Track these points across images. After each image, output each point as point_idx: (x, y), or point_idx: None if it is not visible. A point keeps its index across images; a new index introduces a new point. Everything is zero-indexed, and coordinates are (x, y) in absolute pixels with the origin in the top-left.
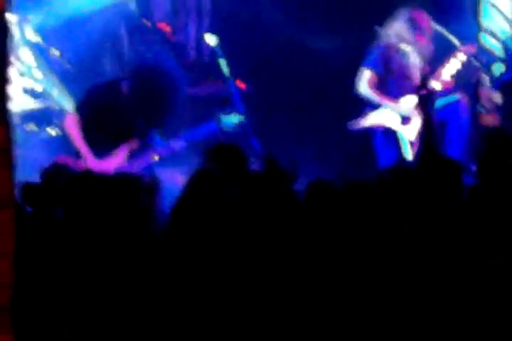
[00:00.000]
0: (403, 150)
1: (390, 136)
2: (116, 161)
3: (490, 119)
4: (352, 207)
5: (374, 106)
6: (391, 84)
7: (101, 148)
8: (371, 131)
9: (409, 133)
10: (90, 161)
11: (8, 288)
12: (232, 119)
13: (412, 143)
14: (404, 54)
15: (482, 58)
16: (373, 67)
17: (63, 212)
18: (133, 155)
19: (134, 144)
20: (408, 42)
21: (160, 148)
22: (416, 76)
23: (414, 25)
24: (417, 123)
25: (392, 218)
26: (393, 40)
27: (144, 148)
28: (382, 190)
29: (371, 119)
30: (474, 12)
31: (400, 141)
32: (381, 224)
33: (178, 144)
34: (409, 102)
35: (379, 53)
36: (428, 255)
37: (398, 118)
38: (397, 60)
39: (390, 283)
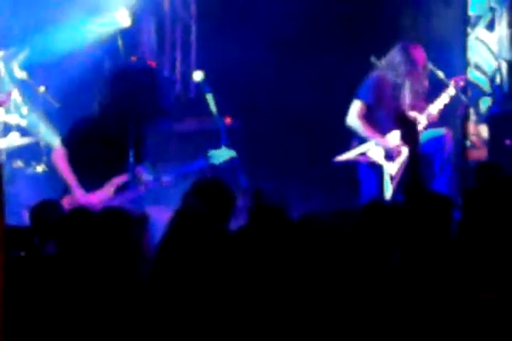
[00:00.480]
0: (384, 184)
1: (373, 169)
2: (104, 195)
3: (477, 153)
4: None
5: (361, 139)
6: (380, 116)
7: (89, 181)
8: (356, 164)
9: (391, 168)
10: (79, 195)
11: None
12: (222, 155)
13: (392, 178)
14: (396, 87)
15: (469, 92)
16: (364, 98)
17: (56, 249)
18: (121, 189)
19: (122, 178)
20: (401, 76)
21: (148, 182)
22: (405, 109)
23: (409, 59)
24: (400, 158)
25: (377, 255)
26: (387, 72)
27: (133, 181)
28: (367, 225)
29: (356, 152)
30: (462, 46)
31: (383, 175)
32: (367, 261)
33: (166, 179)
34: (395, 136)
35: (371, 84)
36: (416, 292)
37: (382, 152)
38: (388, 92)
39: (380, 320)
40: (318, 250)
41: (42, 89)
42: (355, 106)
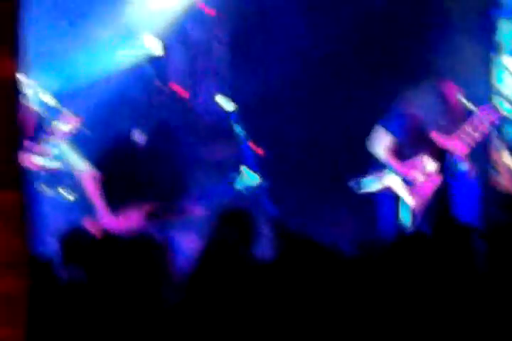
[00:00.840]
0: (401, 215)
1: (392, 197)
2: (132, 220)
3: (502, 182)
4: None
5: (380, 167)
6: (404, 149)
7: (118, 206)
8: (376, 194)
9: (410, 199)
10: (106, 219)
11: None
12: (249, 182)
13: (412, 209)
14: (425, 125)
15: (495, 121)
16: (393, 132)
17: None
18: (149, 216)
19: (151, 205)
20: (431, 114)
21: (177, 211)
22: (431, 143)
23: (441, 98)
24: (420, 189)
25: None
26: (418, 110)
27: (161, 209)
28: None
29: (378, 182)
30: (488, 75)
31: (401, 206)
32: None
33: (194, 208)
34: (417, 169)
35: (402, 122)
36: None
37: (401, 184)
38: (418, 129)
39: None
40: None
41: (69, 114)
42: (382, 138)
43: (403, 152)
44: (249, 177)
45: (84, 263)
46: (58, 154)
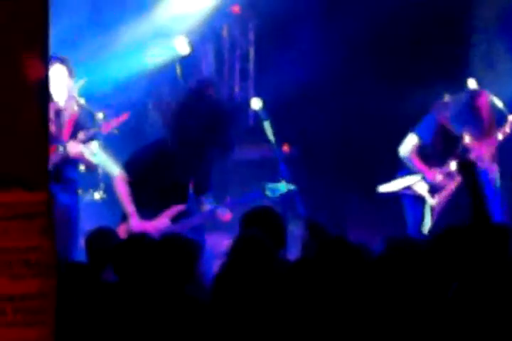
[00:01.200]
0: (425, 216)
1: (418, 201)
2: (161, 223)
3: None
4: (395, 272)
5: (408, 170)
6: (431, 152)
7: (148, 209)
8: (401, 196)
9: (433, 201)
10: (136, 222)
11: None
12: (280, 188)
13: (433, 209)
14: (454, 130)
15: None
16: (421, 135)
17: (114, 276)
18: (178, 218)
19: (180, 207)
20: (463, 123)
21: (206, 214)
22: (458, 148)
23: (474, 107)
24: (445, 192)
25: (436, 284)
26: (449, 114)
27: (191, 211)
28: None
29: (402, 184)
30: None
31: (426, 208)
32: (425, 291)
33: (224, 212)
34: (443, 173)
35: (432, 124)
36: (474, 323)
37: (427, 187)
38: (446, 133)
39: None
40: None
41: (100, 115)
42: (411, 141)
43: (431, 158)
44: (280, 183)
45: (114, 264)
46: (96, 154)
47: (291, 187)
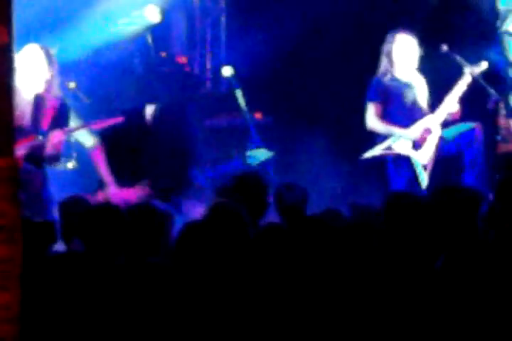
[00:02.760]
0: (418, 175)
1: (402, 161)
2: (139, 192)
3: (506, 147)
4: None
5: (383, 138)
6: (396, 113)
7: (125, 178)
8: (383, 160)
9: (422, 157)
10: (114, 191)
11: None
12: (261, 155)
13: (425, 167)
14: (402, 82)
15: (500, 88)
16: (372, 98)
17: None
18: (155, 190)
19: (157, 179)
20: (398, 65)
21: (184, 185)
22: (420, 102)
23: (402, 47)
24: (428, 147)
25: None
26: (387, 65)
27: (168, 183)
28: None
29: (382, 147)
30: (495, 43)
31: (415, 166)
32: (410, 262)
33: (203, 180)
34: (417, 128)
35: (374, 83)
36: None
37: (409, 144)
38: (396, 87)
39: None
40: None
41: (72, 85)
42: (369, 109)
43: (391, 116)
44: (261, 150)
45: (83, 231)
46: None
47: (271, 154)
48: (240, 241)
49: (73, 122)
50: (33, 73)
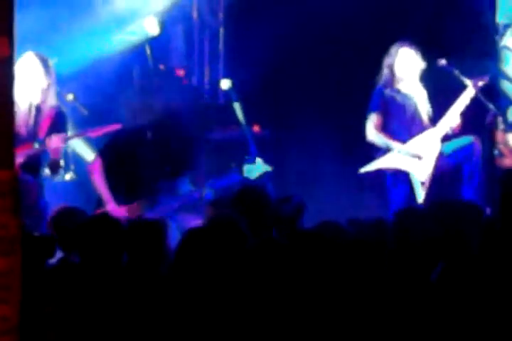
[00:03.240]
0: (415, 190)
1: (400, 177)
2: (138, 209)
3: (506, 162)
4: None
5: (384, 151)
6: (396, 126)
7: (123, 195)
8: (382, 174)
9: (420, 174)
10: (112, 208)
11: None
12: (258, 169)
13: (423, 184)
14: (404, 93)
15: (498, 101)
16: (374, 109)
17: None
18: (155, 203)
19: (156, 192)
20: (401, 78)
21: (184, 197)
22: (421, 115)
23: (405, 61)
24: (427, 163)
25: (418, 267)
26: (389, 77)
27: (167, 196)
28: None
29: (381, 162)
30: (495, 57)
31: (412, 182)
32: (406, 274)
33: (202, 194)
34: (418, 143)
35: (376, 94)
36: (458, 307)
37: (408, 160)
38: (397, 99)
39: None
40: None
41: (70, 97)
42: (370, 120)
43: (393, 129)
44: (258, 164)
45: (79, 243)
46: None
47: (269, 168)
48: (237, 252)
49: (71, 133)
50: (29, 82)
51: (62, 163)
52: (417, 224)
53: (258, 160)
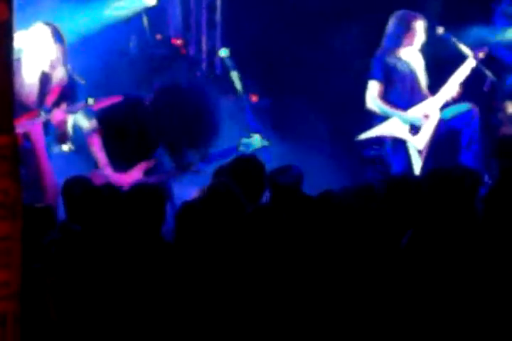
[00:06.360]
0: (412, 159)
1: (399, 145)
2: (133, 176)
3: (504, 129)
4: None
5: (382, 119)
6: (397, 94)
7: (120, 163)
8: (380, 141)
9: (418, 143)
10: (109, 175)
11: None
12: (254, 143)
13: (420, 152)
14: (404, 61)
15: (496, 69)
16: (375, 77)
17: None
18: (151, 171)
19: (151, 162)
20: (403, 46)
21: (175, 169)
22: (420, 83)
23: (407, 28)
24: (425, 132)
25: (391, 231)
26: (390, 45)
27: (161, 166)
28: (386, 200)
29: (380, 129)
30: (490, 24)
31: (410, 150)
32: (379, 238)
33: (199, 166)
34: (417, 111)
35: (377, 61)
36: (428, 272)
37: (407, 128)
38: (398, 67)
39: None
40: (334, 228)
41: (68, 67)
42: (371, 87)
43: (393, 97)
44: (255, 138)
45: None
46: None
47: (266, 143)
48: (236, 221)
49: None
50: (39, 51)
51: (69, 134)
52: (402, 194)
53: (255, 135)
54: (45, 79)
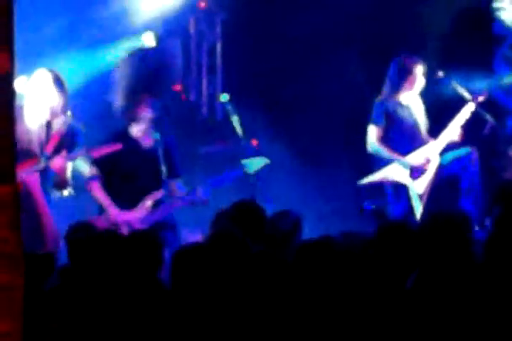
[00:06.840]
0: (413, 203)
1: (400, 190)
2: (140, 212)
3: (506, 174)
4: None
5: (384, 163)
6: (397, 138)
7: (124, 200)
8: (382, 186)
9: (419, 187)
10: (115, 214)
11: None
12: (256, 163)
13: (421, 197)
14: (404, 106)
15: (496, 113)
16: (376, 121)
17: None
18: (157, 205)
19: (157, 194)
20: (404, 91)
21: (183, 196)
22: (421, 128)
23: (404, 70)
24: (426, 176)
25: (395, 275)
26: (390, 90)
27: (168, 197)
28: (387, 245)
29: (381, 174)
30: (488, 66)
31: (411, 194)
32: (383, 282)
33: (201, 191)
34: (418, 155)
35: (378, 106)
36: (432, 315)
37: (407, 172)
38: (399, 112)
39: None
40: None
41: (68, 113)
42: (372, 132)
43: (394, 141)
44: (256, 158)
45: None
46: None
47: (267, 161)
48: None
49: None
50: (41, 98)
51: (69, 180)
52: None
53: (256, 156)
54: (46, 126)
